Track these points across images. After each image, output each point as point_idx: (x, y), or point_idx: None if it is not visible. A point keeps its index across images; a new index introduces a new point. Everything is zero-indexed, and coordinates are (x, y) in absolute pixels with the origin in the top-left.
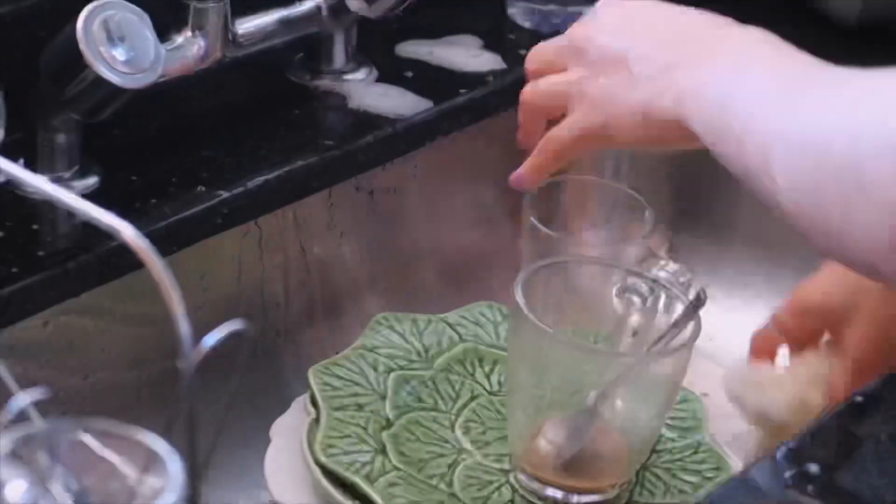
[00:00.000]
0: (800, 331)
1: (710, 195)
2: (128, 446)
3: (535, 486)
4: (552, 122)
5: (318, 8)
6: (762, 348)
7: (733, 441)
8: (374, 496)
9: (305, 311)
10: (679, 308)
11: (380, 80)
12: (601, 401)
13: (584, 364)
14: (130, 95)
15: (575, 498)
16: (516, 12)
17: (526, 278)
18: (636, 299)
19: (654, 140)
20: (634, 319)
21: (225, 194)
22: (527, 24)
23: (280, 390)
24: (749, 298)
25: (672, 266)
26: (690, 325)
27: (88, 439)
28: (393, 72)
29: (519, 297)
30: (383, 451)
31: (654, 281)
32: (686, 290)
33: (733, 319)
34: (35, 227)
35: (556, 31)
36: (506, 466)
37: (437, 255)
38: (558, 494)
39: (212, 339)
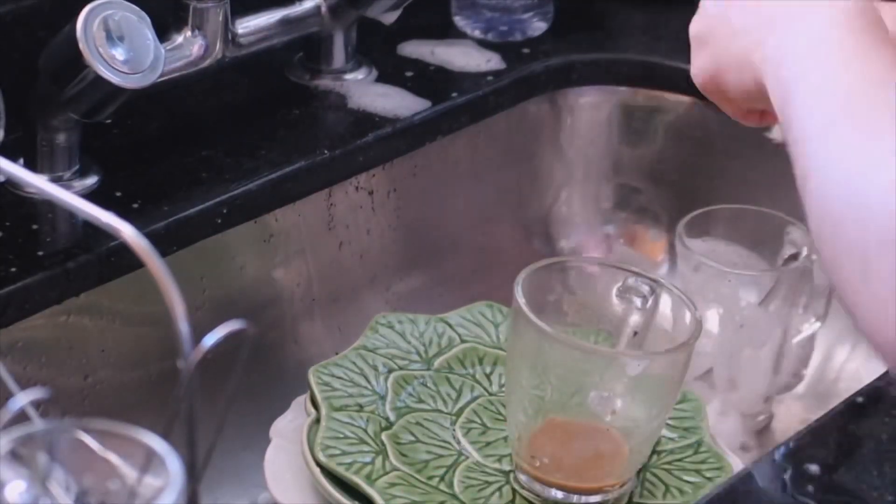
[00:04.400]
0: None
1: (710, 195)
2: (128, 446)
3: (536, 486)
4: None
5: (318, 8)
6: None
7: (732, 441)
8: (375, 496)
9: (305, 311)
10: (679, 308)
11: (380, 80)
12: (601, 401)
13: (584, 364)
14: (130, 95)
15: (575, 498)
16: (461, 20)
17: (526, 278)
18: (636, 299)
19: (758, 96)
20: (634, 319)
21: (225, 194)
22: (475, 33)
23: (280, 390)
24: None
25: None
26: (691, 325)
27: (88, 439)
28: (393, 72)
29: (519, 297)
30: (383, 451)
31: (654, 281)
32: None
33: None
34: (35, 227)
35: (504, 39)
36: (506, 467)
37: (437, 255)
38: (559, 495)
39: (212, 339)
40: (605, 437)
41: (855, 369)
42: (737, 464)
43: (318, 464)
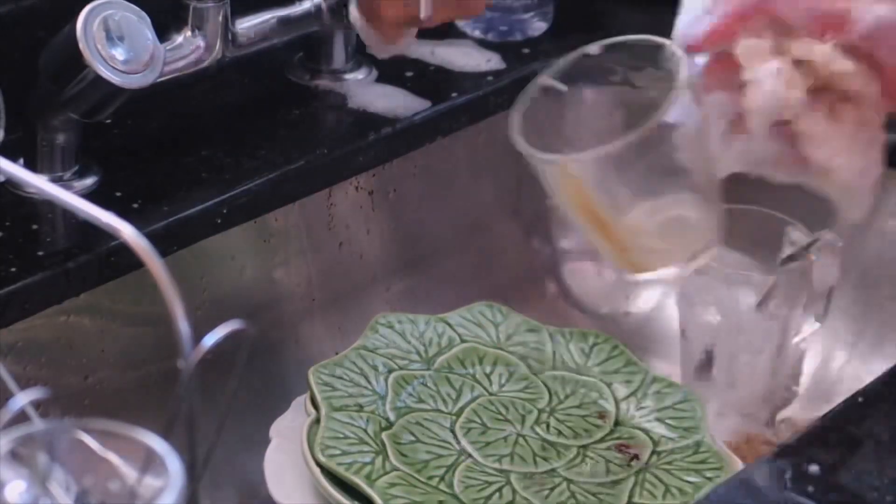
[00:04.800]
0: None
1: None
2: (128, 446)
3: None
4: None
5: (318, 8)
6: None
7: (732, 441)
8: (375, 497)
9: (305, 311)
10: None
11: (380, 80)
12: None
13: None
14: (130, 95)
15: None
16: (461, 20)
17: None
18: None
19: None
20: None
21: (225, 194)
22: (475, 33)
23: (280, 390)
24: None
25: None
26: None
27: (88, 439)
28: (393, 72)
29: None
30: (383, 451)
31: None
32: None
33: None
34: (35, 227)
35: (504, 39)
36: (506, 467)
37: (436, 255)
38: None
39: (212, 339)
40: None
41: (855, 370)
42: (737, 464)
43: (318, 464)
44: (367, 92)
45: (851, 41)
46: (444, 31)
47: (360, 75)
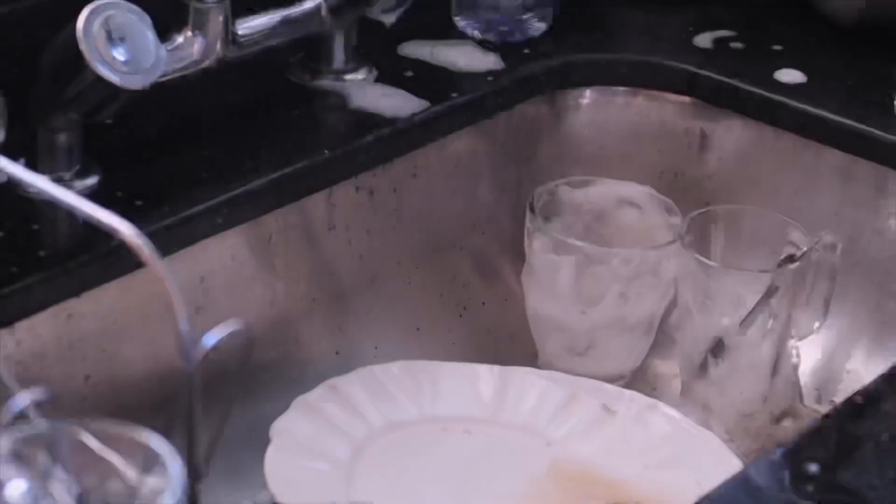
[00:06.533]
0: None
1: (710, 195)
2: (128, 446)
3: None
4: None
5: (319, 8)
6: None
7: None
8: None
9: (305, 311)
10: None
11: (380, 80)
12: None
13: None
14: (131, 95)
15: None
16: (461, 20)
17: None
18: None
19: None
20: None
21: (225, 194)
22: (475, 33)
23: (280, 390)
24: None
25: None
26: None
27: (88, 439)
28: (393, 72)
29: None
30: None
31: None
32: None
33: None
34: (35, 227)
35: (504, 41)
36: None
37: (437, 255)
38: None
39: (212, 339)
40: None
41: (855, 369)
42: (737, 464)
43: None
44: (367, 92)
45: None
46: (444, 31)
47: (360, 75)
